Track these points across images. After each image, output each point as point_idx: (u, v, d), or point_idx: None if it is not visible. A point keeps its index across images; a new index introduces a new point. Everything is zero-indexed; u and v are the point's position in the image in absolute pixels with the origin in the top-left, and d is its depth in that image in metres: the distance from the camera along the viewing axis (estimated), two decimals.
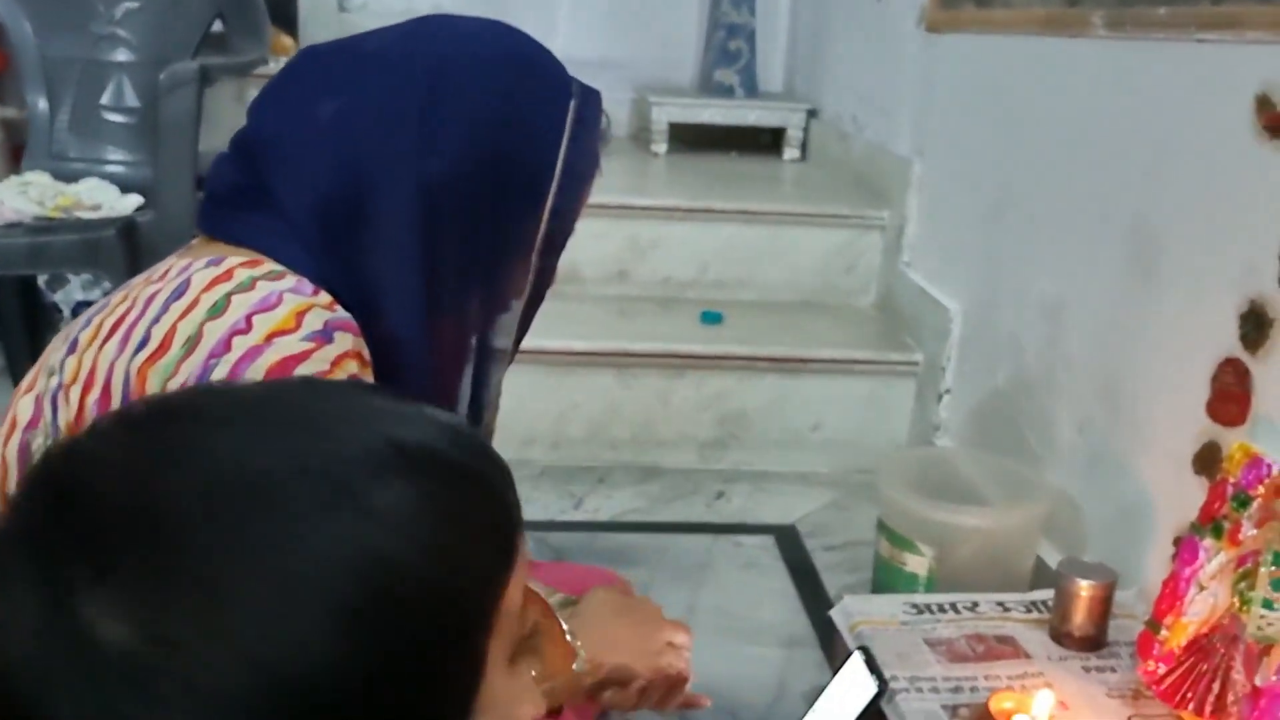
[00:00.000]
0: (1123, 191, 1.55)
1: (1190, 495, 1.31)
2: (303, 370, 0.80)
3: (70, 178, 2.07)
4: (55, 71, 2.18)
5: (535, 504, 2.06)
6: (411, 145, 0.86)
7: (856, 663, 1.21)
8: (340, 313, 0.84)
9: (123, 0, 2.20)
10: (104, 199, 2.03)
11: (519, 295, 0.98)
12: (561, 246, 0.98)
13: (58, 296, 2.64)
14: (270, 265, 0.85)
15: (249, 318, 0.81)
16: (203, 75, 1.83)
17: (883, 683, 1.16)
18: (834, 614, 1.44)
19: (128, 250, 1.78)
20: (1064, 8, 1.72)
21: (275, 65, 2.61)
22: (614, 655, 1.06)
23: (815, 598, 1.77)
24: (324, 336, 0.82)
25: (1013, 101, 1.92)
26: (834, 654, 1.51)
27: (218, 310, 0.81)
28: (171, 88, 1.79)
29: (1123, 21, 1.56)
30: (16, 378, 2.21)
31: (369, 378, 0.85)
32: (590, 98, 0.95)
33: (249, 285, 0.83)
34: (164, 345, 0.80)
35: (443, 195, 0.87)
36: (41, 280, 2.56)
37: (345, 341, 0.83)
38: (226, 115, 2.58)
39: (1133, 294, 1.52)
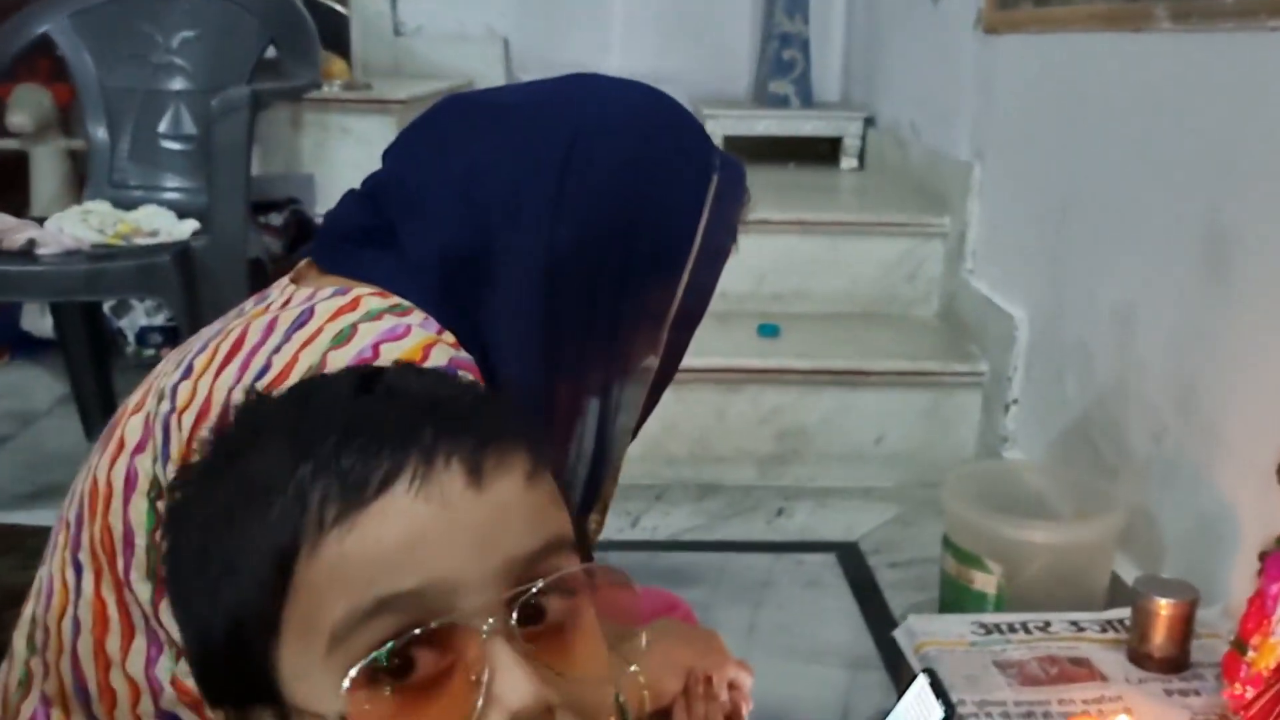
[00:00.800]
0: (1194, 190, 1.49)
1: (1275, 507, 1.24)
2: None
3: (130, 205, 2.09)
4: (115, 102, 2.21)
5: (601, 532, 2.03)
6: (543, 210, 0.85)
7: (922, 686, 1.16)
8: (464, 354, 0.83)
9: (180, 30, 2.22)
10: (162, 225, 2.04)
11: (646, 366, 0.95)
12: (696, 322, 0.97)
13: (123, 323, 2.67)
14: (397, 300, 0.84)
15: (376, 346, 0.80)
16: (255, 100, 1.84)
17: (950, 708, 1.12)
18: (898, 634, 1.40)
19: (183, 274, 1.79)
20: (1126, 3, 1.66)
21: (329, 89, 2.64)
22: (675, 682, 1.04)
23: (880, 617, 1.72)
24: (450, 373, 0.80)
25: (1075, 101, 1.86)
26: (899, 676, 1.46)
27: (343, 339, 0.80)
28: (224, 113, 1.80)
29: (1188, 13, 1.50)
30: (82, 404, 2.24)
31: None
32: (732, 172, 0.93)
33: (376, 315, 0.82)
34: (284, 374, 0.79)
35: (571, 263, 0.86)
36: (106, 307, 2.60)
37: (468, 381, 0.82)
38: (281, 140, 2.61)
39: (1208, 296, 1.46)
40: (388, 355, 0.80)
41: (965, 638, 1.35)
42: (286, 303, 0.87)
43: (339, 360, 0.80)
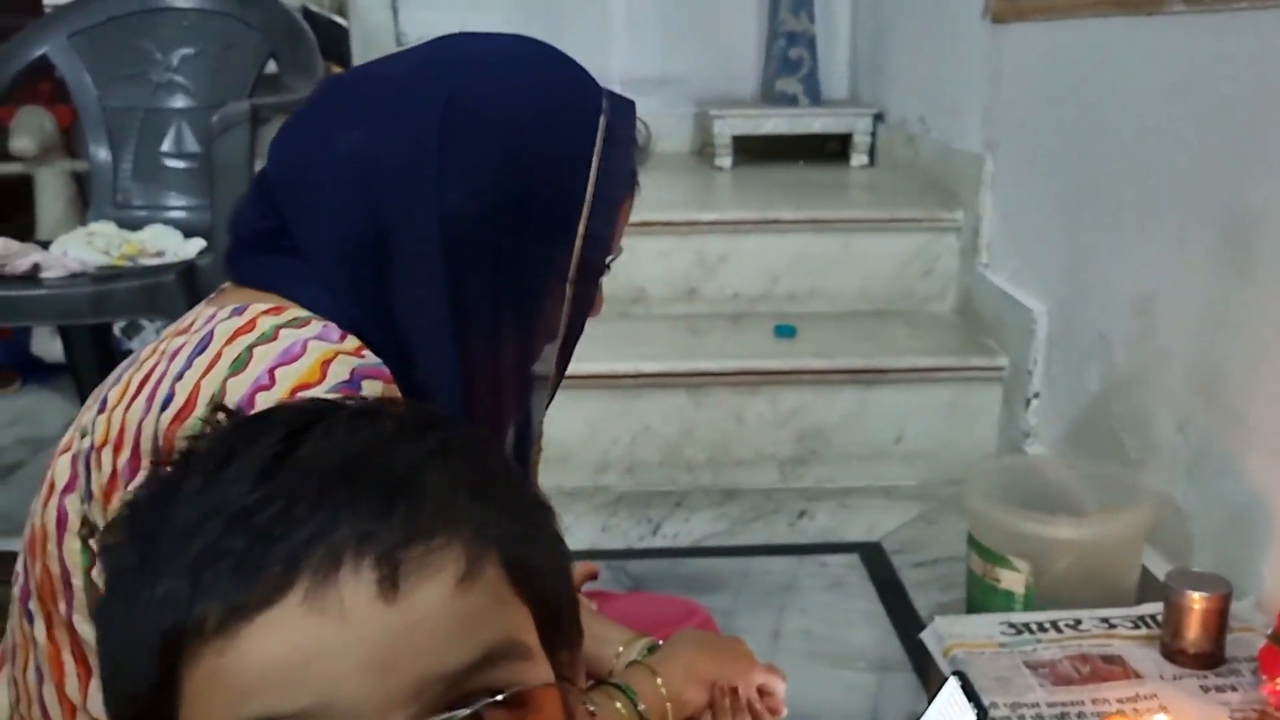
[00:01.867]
0: (1213, 175, 1.46)
1: None
2: None
3: (136, 225, 2.08)
4: (116, 121, 2.20)
5: (613, 531, 2.01)
6: (430, 178, 0.82)
7: (953, 689, 1.13)
8: (369, 358, 0.80)
9: (179, 47, 2.21)
10: (168, 244, 2.03)
11: (557, 326, 0.92)
12: (599, 272, 0.92)
13: (134, 343, 2.66)
14: (295, 312, 0.81)
15: (271, 372, 0.77)
16: (254, 115, 1.82)
17: (982, 711, 1.09)
18: (925, 636, 1.37)
19: (188, 293, 1.77)
20: None
21: None
22: (695, 690, 1.01)
23: (906, 618, 1.69)
24: (351, 386, 0.77)
25: (1087, 88, 1.83)
26: (928, 678, 1.43)
27: (239, 365, 0.77)
28: (224, 129, 1.78)
29: None
30: None
31: None
32: (623, 112, 0.89)
33: (271, 335, 0.79)
34: (189, 403, 0.76)
35: (466, 227, 0.82)
36: (117, 329, 2.59)
37: (374, 389, 0.79)
38: None
39: (1229, 282, 1.43)
40: (284, 380, 0.77)
41: (994, 638, 1.32)
42: (191, 325, 0.83)
43: (237, 389, 0.76)
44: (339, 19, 2.85)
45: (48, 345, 2.66)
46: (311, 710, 0.42)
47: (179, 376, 0.78)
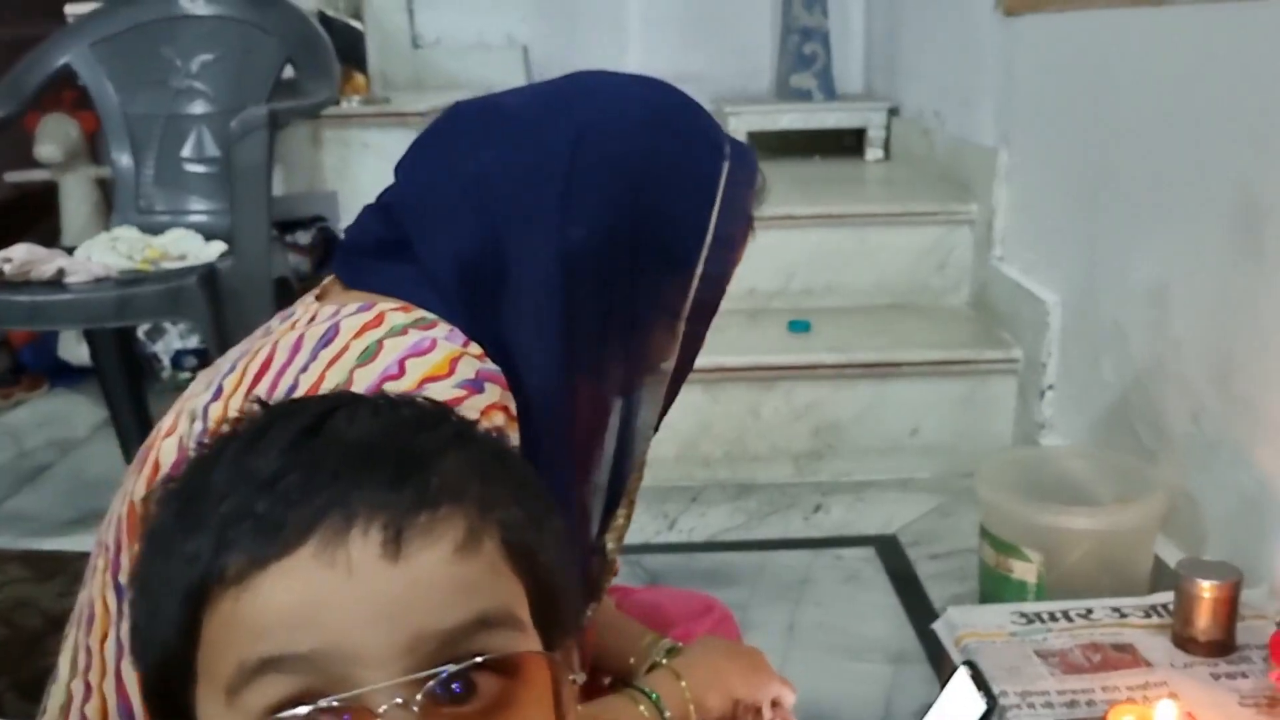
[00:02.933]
0: (1226, 164, 1.46)
1: None
2: None
3: (158, 230, 2.11)
4: (138, 128, 2.23)
5: (629, 526, 2.02)
6: (553, 211, 0.84)
7: (963, 679, 1.14)
8: (490, 364, 0.82)
9: (198, 53, 2.24)
10: (189, 248, 2.06)
11: (665, 360, 0.94)
12: (712, 313, 0.95)
13: (158, 347, 2.70)
14: (421, 313, 0.84)
15: (401, 362, 0.79)
16: (273, 120, 1.85)
17: (992, 700, 1.10)
18: (937, 627, 1.38)
19: (209, 296, 1.80)
20: None
21: (348, 106, 2.65)
22: (719, 694, 1.03)
23: (921, 610, 1.70)
24: (475, 386, 0.80)
25: (1100, 79, 1.83)
26: (942, 669, 1.44)
27: (368, 355, 0.80)
28: (243, 134, 1.81)
29: None
30: (120, 428, 2.26)
31: (514, 432, 0.83)
32: (744, 158, 0.91)
33: (401, 331, 0.82)
34: (312, 393, 0.79)
35: (584, 261, 0.85)
36: (141, 332, 2.63)
37: (494, 393, 0.81)
38: (303, 159, 2.62)
39: (1243, 271, 1.43)
40: (413, 371, 0.80)
41: (1005, 628, 1.33)
42: (312, 319, 0.87)
43: (365, 377, 0.80)
44: (355, 22, 2.87)
45: (74, 349, 2.70)
46: (318, 653, 0.45)
47: (304, 368, 0.81)
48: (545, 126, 0.87)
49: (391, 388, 0.79)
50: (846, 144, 3.09)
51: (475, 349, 0.83)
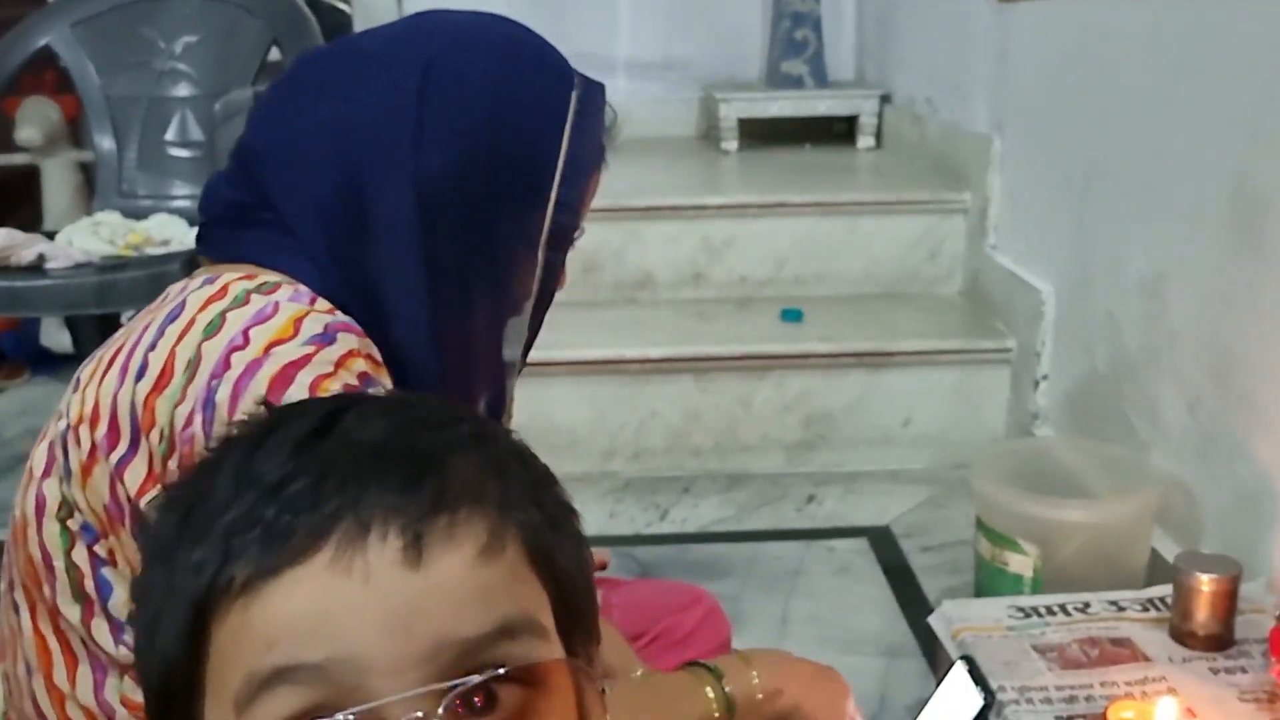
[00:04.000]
0: (1221, 152, 1.45)
1: None
2: (305, 375, 0.77)
3: (141, 215, 2.08)
4: (120, 111, 2.20)
5: (620, 517, 2.00)
6: (406, 144, 0.84)
7: (960, 674, 1.13)
8: (341, 316, 0.82)
9: (182, 35, 2.20)
10: (173, 233, 2.03)
11: (527, 296, 0.94)
12: (569, 242, 0.94)
13: None
14: (266, 277, 0.83)
15: (245, 331, 0.78)
16: (257, 102, 1.82)
17: (989, 695, 1.08)
18: (933, 620, 1.36)
19: None
20: None
21: None
22: (792, 688, 1.01)
23: (914, 602, 1.69)
24: (324, 340, 0.79)
25: (1094, 66, 1.82)
26: (937, 662, 1.43)
27: (213, 329, 0.79)
28: (227, 117, 1.78)
29: None
30: None
31: (384, 377, 0.82)
32: (593, 89, 0.92)
33: (243, 300, 0.81)
34: (165, 372, 0.78)
35: (440, 191, 0.85)
36: (125, 318, 2.59)
37: (349, 341, 0.81)
38: None
39: (1238, 260, 1.41)
40: (258, 339, 0.79)
41: (1002, 622, 1.32)
42: (164, 299, 0.85)
43: (212, 351, 0.78)
44: (341, 4, 2.84)
45: (57, 336, 2.67)
46: (331, 662, 0.43)
47: (151, 346, 0.79)
48: (394, 63, 0.86)
49: (239, 358, 0.77)
50: (838, 131, 3.07)
51: (323, 305, 0.82)
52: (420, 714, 0.43)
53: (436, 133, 0.84)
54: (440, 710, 0.43)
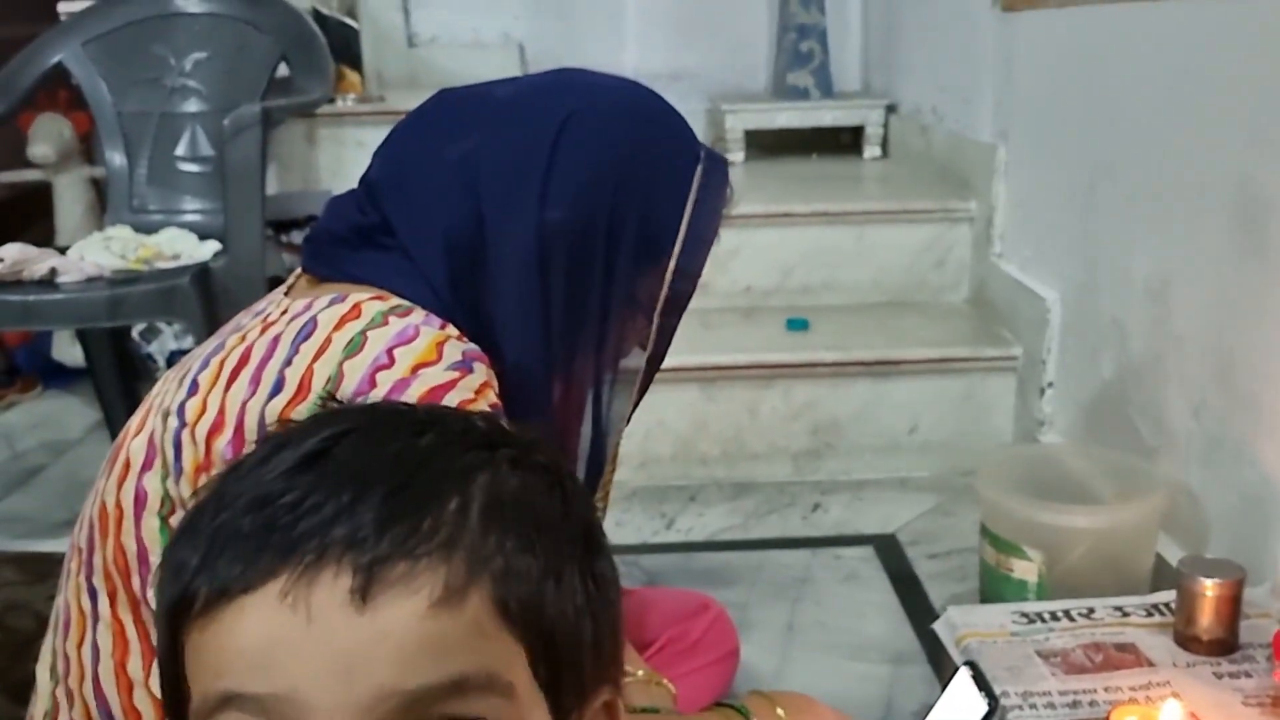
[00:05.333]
0: (1225, 157, 1.45)
1: None
2: (450, 399, 0.80)
3: (152, 230, 2.10)
4: (131, 127, 2.22)
5: (627, 526, 2.01)
6: (534, 192, 0.86)
7: (964, 679, 1.13)
8: (472, 345, 0.84)
9: (192, 51, 2.23)
10: (183, 248, 2.05)
11: (638, 351, 0.97)
12: (683, 309, 0.98)
13: (152, 347, 2.68)
14: (396, 300, 0.85)
15: (389, 351, 0.81)
16: (266, 118, 1.84)
17: (993, 701, 1.09)
18: (938, 627, 1.37)
19: (202, 295, 1.79)
20: None
21: (343, 104, 2.63)
22: None
23: (920, 610, 1.69)
24: (465, 367, 0.82)
25: (1098, 75, 1.82)
26: (942, 669, 1.43)
27: (354, 348, 0.81)
28: (236, 132, 1.80)
29: None
30: (113, 430, 2.24)
31: (501, 410, 0.84)
32: (716, 163, 0.95)
33: (381, 321, 0.83)
34: (303, 388, 0.80)
35: (561, 244, 0.87)
36: (136, 332, 2.61)
37: (482, 372, 0.83)
38: (297, 157, 2.61)
39: (1243, 265, 1.42)
40: (403, 359, 0.81)
41: (1007, 628, 1.32)
42: (284, 314, 0.86)
43: (356, 369, 0.80)
44: (349, 20, 2.86)
45: (68, 350, 2.69)
46: (274, 698, 0.44)
47: (287, 363, 0.82)
48: (532, 112, 0.89)
49: (385, 376, 0.79)
50: (844, 142, 3.08)
51: (454, 330, 0.84)
52: None
53: (565, 186, 0.87)
54: None
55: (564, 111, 0.88)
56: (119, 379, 2.24)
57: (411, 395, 0.79)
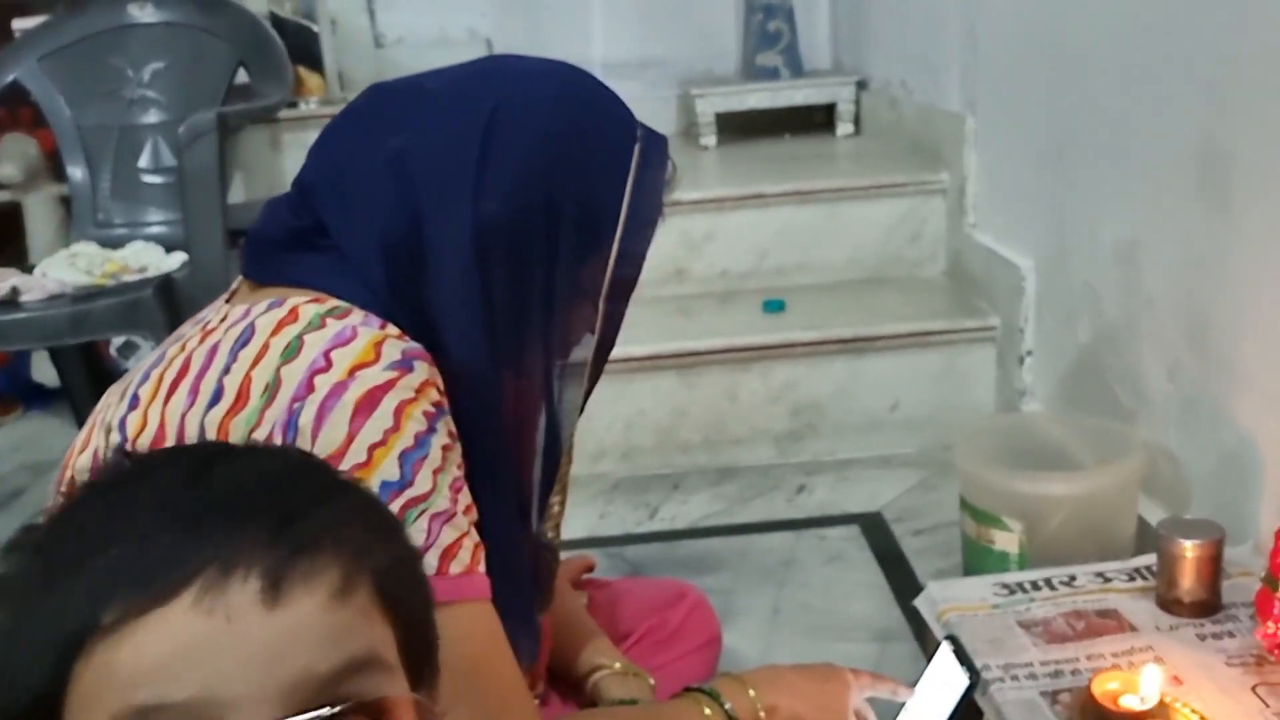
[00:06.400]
0: (1187, 118, 1.43)
1: None
2: (390, 399, 0.79)
3: (117, 244, 2.08)
4: (92, 141, 2.20)
5: (610, 518, 2.00)
6: (467, 188, 0.85)
7: (946, 654, 1.12)
8: (413, 343, 0.83)
9: (149, 62, 2.21)
10: (150, 260, 2.03)
11: (586, 339, 0.95)
12: (629, 292, 0.96)
13: (130, 363, 2.67)
14: (334, 302, 0.84)
15: (326, 354, 0.79)
16: (222, 123, 1.82)
17: (974, 674, 1.07)
18: (919, 603, 1.35)
19: (166, 307, 1.77)
20: None
21: (305, 107, 2.61)
22: (790, 700, 1.04)
23: (906, 587, 1.67)
24: (404, 366, 0.80)
25: (1061, 38, 1.80)
26: (928, 646, 1.41)
27: (291, 353, 0.79)
28: (191, 139, 1.78)
29: None
30: None
31: (446, 407, 0.83)
32: (655, 142, 0.93)
33: (319, 324, 0.81)
34: (241, 396, 0.79)
35: (498, 236, 0.85)
36: (113, 349, 2.59)
37: (423, 370, 0.82)
38: (262, 163, 2.59)
39: (1209, 223, 1.40)
40: (340, 361, 0.79)
41: (987, 600, 1.30)
42: (223, 321, 0.85)
43: (293, 375, 0.79)
44: (308, 23, 2.83)
45: (48, 371, 2.67)
46: (195, 701, 0.46)
47: (225, 370, 0.80)
48: (461, 104, 0.87)
49: (322, 380, 0.78)
50: (817, 121, 3.06)
51: (394, 330, 0.82)
52: None
53: (498, 179, 0.85)
54: None
55: (493, 100, 0.86)
56: (95, 397, 2.21)
57: (350, 398, 0.78)
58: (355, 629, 0.49)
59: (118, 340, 2.54)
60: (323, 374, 0.78)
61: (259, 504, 0.50)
